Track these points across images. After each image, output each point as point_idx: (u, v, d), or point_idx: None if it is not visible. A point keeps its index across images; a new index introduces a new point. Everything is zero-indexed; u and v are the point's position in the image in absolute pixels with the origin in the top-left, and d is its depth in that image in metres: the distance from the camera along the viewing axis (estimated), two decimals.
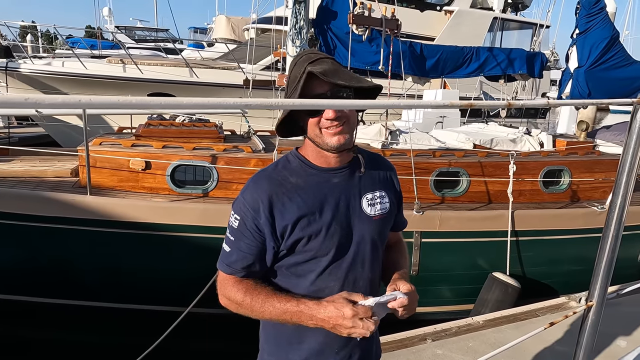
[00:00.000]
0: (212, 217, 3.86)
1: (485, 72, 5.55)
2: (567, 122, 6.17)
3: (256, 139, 4.69)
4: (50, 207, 3.72)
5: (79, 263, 3.96)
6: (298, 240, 1.24)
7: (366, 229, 1.32)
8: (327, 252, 1.26)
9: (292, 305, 1.19)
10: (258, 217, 1.23)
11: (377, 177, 1.39)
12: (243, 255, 1.26)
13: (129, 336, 3.89)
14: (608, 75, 5.49)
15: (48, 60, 9.75)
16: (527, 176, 4.60)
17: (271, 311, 1.21)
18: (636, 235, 4.70)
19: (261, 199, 1.24)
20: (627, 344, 3.09)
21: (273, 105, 0.80)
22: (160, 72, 9.15)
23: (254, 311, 1.23)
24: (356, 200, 1.32)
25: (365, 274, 1.33)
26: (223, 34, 15.67)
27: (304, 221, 1.24)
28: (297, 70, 1.25)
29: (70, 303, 4.06)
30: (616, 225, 1.14)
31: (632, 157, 1.08)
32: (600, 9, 5.43)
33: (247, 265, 1.26)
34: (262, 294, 1.23)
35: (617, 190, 1.11)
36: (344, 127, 1.24)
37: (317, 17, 4.85)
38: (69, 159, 4.77)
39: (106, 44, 17.55)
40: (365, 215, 1.32)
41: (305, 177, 1.29)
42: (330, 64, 1.23)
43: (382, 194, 1.37)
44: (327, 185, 1.30)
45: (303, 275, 1.28)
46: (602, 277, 1.20)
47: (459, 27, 10.74)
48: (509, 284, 4.18)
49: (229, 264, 1.27)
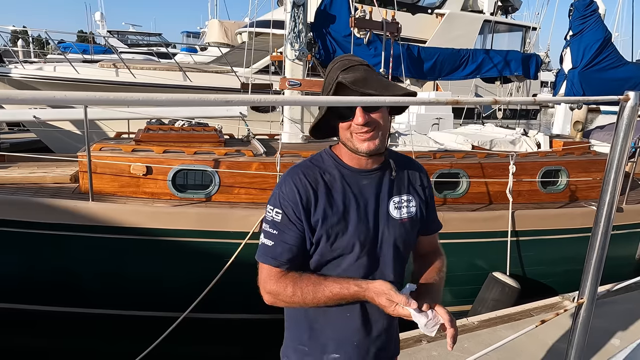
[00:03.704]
0: (216, 221, 3.85)
1: (482, 73, 5.61)
2: (562, 122, 6.25)
3: (256, 143, 4.68)
4: (51, 214, 3.68)
5: (82, 270, 3.92)
6: (324, 236, 1.27)
7: (391, 232, 1.34)
8: (350, 251, 1.29)
9: (340, 288, 1.24)
10: (297, 208, 1.27)
11: (406, 181, 1.40)
12: (288, 247, 1.28)
13: (134, 343, 3.85)
14: (601, 76, 5.58)
15: (39, 65, 9.66)
16: (526, 176, 4.65)
17: (325, 296, 1.25)
18: (634, 234, 4.77)
19: (299, 191, 1.27)
20: (621, 341, 3.12)
21: (254, 102, 0.81)
22: (153, 77, 9.10)
23: (306, 301, 1.26)
24: (384, 203, 1.34)
25: (387, 276, 1.34)
26: (216, 38, 15.65)
27: (332, 218, 1.27)
28: (331, 77, 1.28)
29: (73, 311, 4.02)
30: (605, 222, 1.15)
31: (619, 154, 1.09)
32: (593, 11, 5.53)
33: (293, 257, 1.28)
34: (310, 284, 1.26)
35: (606, 188, 1.13)
36: (374, 133, 1.26)
37: (315, 21, 4.87)
38: (67, 165, 4.71)
39: (98, 49, 17.42)
40: (392, 218, 1.35)
41: (337, 176, 1.32)
42: (362, 72, 1.25)
43: (409, 197, 1.39)
44: (357, 186, 1.32)
45: (326, 272, 1.31)
46: (593, 275, 1.21)
47: (450, 30, 10.85)
48: (507, 284, 4.21)
49: (275, 256, 1.28)
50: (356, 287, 1.23)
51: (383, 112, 1.26)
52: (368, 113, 1.23)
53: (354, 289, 1.23)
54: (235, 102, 0.77)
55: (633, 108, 1.06)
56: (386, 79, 1.36)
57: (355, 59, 1.31)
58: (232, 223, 3.85)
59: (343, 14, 4.77)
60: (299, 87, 4.51)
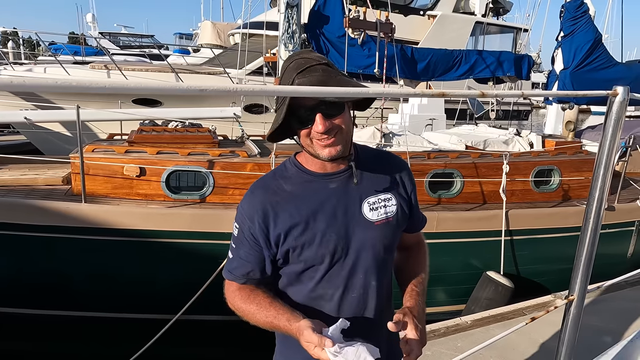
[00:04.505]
0: (210, 222, 3.83)
1: (475, 74, 5.64)
2: (554, 123, 6.31)
3: (250, 144, 4.67)
4: (44, 216, 3.63)
5: (75, 272, 3.87)
6: (291, 249, 1.23)
7: (368, 235, 1.26)
8: (322, 260, 1.24)
9: (273, 319, 1.19)
10: (253, 225, 1.23)
11: (382, 179, 1.32)
12: (242, 263, 1.27)
13: (127, 345, 3.81)
14: (592, 77, 5.64)
15: (29, 66, 9.56)
16: (519, 176, 4.68)
17: (262, 321, 1.22)
18: (626, 232, 4.82)
19: (256, 208, 1.24)
20: (613, 339, 3.14)
21: (231, 91, 0.79)
22: (146, 78, 9.04)
23: (250, 319, 1.24)
24: (355, 206, 1.26)
25: (368, 281, 1.28)
26: (209, 39, 15.59)
27: (297, 230, 1.22)
28: (286, 78, 1.20)
29: (65, 314, 3.97)
30: (594, 218, 1.16)
31: (608, 150, 1.09)
32: (583, 12, 5.59)
33: (247, 273, 1.27)
34: (255, 304, 1.23)
35: (595, 184, 1.13)
36: (335, 139, 1.19)
37: (309, 22, 4.87)
38: (59, 167, 4.67)
39: (90, 51, 17.31)
40: (366, 220, 1.26)
41: (301, 184, 1.26)
42: (320, 74, 1.16)
43: (388, 196, 1.31)
44: (324, 191, 1.25)
45: (303, 282, 1.27)
46: (582, 272, 1.22)
47: (442, 32, 10.91)
48: (501, 283, 4.24)
49: (230, 270, 1.30)
50: (286, 322, 1.16)
51: (344, 116, 1.19)
52: (329, 119, 1.16)
53: (284, 323, 1.17)
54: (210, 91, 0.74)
55: (621, 103, 1.07)
56: (347, 77, 1.24)
57: (313, 56, 1.22)
58: (226, 224, 3.83)
59: (337, 15, 4.78)
60: None
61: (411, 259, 1.46)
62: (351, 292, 1.27)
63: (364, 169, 1.30)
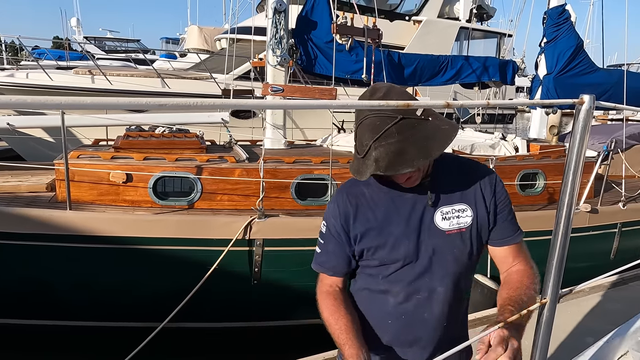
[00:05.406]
0: (198, 228, 3.80)
1: (461, 79, 5.70)
2: (538, 127, 6.41)
3: (239, 149, 4.65)
4: (27, 224, 3.56)
5: (59, 281, 3.80)
6: (365, 249, 1.37)
7: (438, 243, 1.33)
8: (393, 261, 1.35)
9: (336, 335, 1.31)
10: (337, 224, 1.39)
11: (459, 189, 1.35)
12: (330, 257, 1.42)
13: (113, 354, 3.75)
14: (575, 82, 5.75)
15: (11, 71, 9.39)
16: (505, 180, 4.69)
17: (329, 331, 1.34)
18: (609, 234, 4.91)
19: (340, 209, 1.39)
20: (592, 338, 3.18)
21: (191, 106, 0.73)
22: (131, 83, 8.94)
23: (327, 328, 1.36)
24: (429, 214, 1.33)
25: (434, 287, 1.35)
26: (195, 44, 15.50)
27: (372, 233, 1.35)
28: (361, 140, 1.24)
29: (51, 324, 3.89)
30: (565, 222, 1.18)
31: (577, 156, 1.11)
32: (565, 19, 5.70)
33: (336, 264, 1.42)
34: (328, 312, 1.36)
35: (565, 189, 1.16)
36: (413, 178, 1.29)
37: (296, 27, 4.88)
38: (43, 173, 4.58)
39: (75, 55, 17.05)
40: (437, 229, 1.32)
41: (379, 191, 1.38)
42: (396, 140, 1.16)
43: (463, 207, 1.34)
44: (400, 199, 1.35)
45: (374, 275, 1.39)
46: (555, 275, 1.24)
47: (428, 37, 11.02)
48: (487, 286, 4.27)
49: (320, 263, 1.44)
50: (341, 344, 1.28)
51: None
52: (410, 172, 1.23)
53: (340, 344, 1.29)
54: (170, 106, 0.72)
55: (587, 111, 1.09)
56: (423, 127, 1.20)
57: (387, 111, 1.17)
58: (214, 230, 3.80)
59: (324, 21, 4.80)
60: (281, 93, 4.51)
61: (506, 277, 1.38)
62: (416, 293, 1.36)
63: (443, 179, 1.36)
